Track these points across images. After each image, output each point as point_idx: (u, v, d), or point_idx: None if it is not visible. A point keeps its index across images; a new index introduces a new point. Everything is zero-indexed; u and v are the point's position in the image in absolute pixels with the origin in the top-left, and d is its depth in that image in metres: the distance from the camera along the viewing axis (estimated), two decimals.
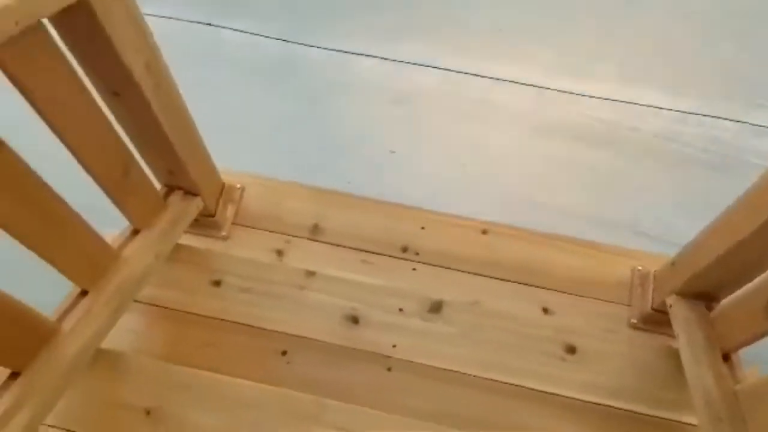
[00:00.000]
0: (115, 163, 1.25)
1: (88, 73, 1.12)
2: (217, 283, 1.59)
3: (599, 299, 1.68)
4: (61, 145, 1.07)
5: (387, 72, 2.42)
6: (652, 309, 1.61)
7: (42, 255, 1.09)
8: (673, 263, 1.57)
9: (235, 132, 2.17)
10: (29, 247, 1.06)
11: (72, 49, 1.06)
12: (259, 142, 2.22)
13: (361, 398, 1.40)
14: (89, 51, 1.08)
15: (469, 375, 1.50)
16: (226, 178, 1.77)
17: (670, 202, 2.12)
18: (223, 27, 2.53)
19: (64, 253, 1.15)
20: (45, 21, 0.91)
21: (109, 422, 1.27)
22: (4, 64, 0.87)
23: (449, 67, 2.42)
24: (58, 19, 0.97)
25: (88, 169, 1.17)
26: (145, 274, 1.40)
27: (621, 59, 2.52)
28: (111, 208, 1.29)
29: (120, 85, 1.17)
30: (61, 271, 1.17)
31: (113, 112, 1.23)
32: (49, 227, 1.08)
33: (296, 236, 1.74)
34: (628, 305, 1.68)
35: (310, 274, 1.62)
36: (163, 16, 2.48)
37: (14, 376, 1.10)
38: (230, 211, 1.77)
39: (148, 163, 1.44)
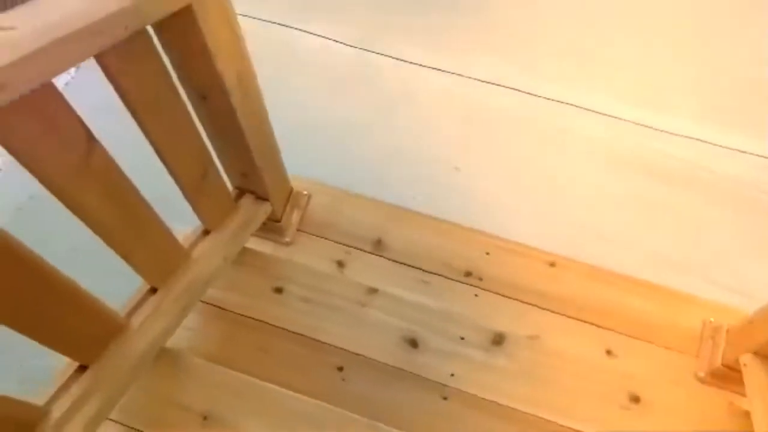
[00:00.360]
0: (196, 165, 1.26)
1: (179, 76, 1.13)
2: (278, 290, 1.59)
3: (665, 347, 1.62)
4: (131, 136, 1.07)
5: (459, 88, 2.39)
6: (722, 365, 1.54)
7: (119, 251, 1.10)
8: (751, 321, 1.49)
9: (301, 136, 2.17)
10: (108, 243, 1.07)
11: (168, 53, 1.07)
12: (325, 149, 2.22)
13: (413, 424, 1.38)
14: (185, 55, 1.09)
15: (527, 413, 1.45)
16: (293, 183, 1.77)
17: (745, 251, 2.02)
18: (299, 29, 2.54)
19: (140, 251, 1.16)
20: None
21: (167, 422, 1.27)
22: (107, 67, 0.88)
23: (521, 89, 2.37)
24: (159, 24, 0.98)
25: (171, 169, 1.18)
26: (213, 275, 1.41)
27: (701, 95, 2.42)
28: (177, 201, 1.29)
29: (209, 90, 1.18)
30: (134, 267, 1.18)
31: (197, 113, 1.24)
32: (130, 226, 1.09)
33: (358, 249, 1.73)
34: (696, 357, 1.61)
35: (372, 291, 1.60)
36: (239, 14, 2.51)
37: (82, 369, 1.12)
38: (295, 217, 1.77)
39: (223, 165, 1.45)
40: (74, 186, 0.92)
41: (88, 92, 1.36)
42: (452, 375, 1.48)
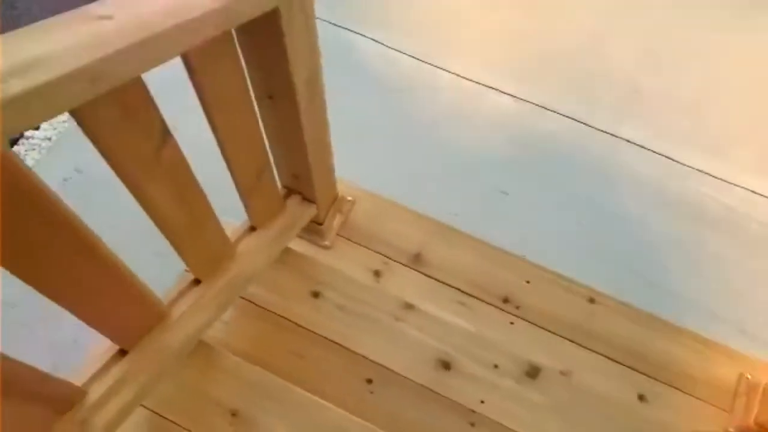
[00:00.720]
0: (255, 163, 1.26)
1: (250, 74, 1.13)
2: (315, 294, 1.58)
3: (698, 398, 1.58)
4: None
5: (514, 111, 2.37)
6: (755, 423, 1.50)
7: (172, 241, 1.11)
8: None
9: (350, 140, 2.16)
10: (164, 232, 1.07)
11: (244, 52, 1.07)
12: (373, 156, 2.21)
13: None
14: (261, 56, 1.09)
15: None
16: (338, 187, 1.77)
17: None
18: (360, 34, 2.53)
19: (193, 244, 1.17)
20: None
21: (196, 414, 1.28)
22: (190, 64, 0.88)
23: (578, 118, 2.34)
24: (242, 24, 0.98)
25: (230, 166, 1.18)
26: (255, 272, 1.42)
27: (762, 146, 2.36)
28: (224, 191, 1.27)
29: (278, 90, 1.18)
30: (184, 258, 1.18)
31: (261, 112, 1.24)
32: (188, 218, 1.09)
33: (396, 261, 1.72)
34: (729, 411, 1.57)
35: (409, 306, 1.59)
36: None
37: (122, 353, 1.12)
38: (337, 221, 1.76)
39: (276, 164, 1.45)
40: (143, 175, 0.92)
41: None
42: (482, 402, 1.46)
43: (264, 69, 1.12)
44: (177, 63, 0.85)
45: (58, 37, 0.64)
